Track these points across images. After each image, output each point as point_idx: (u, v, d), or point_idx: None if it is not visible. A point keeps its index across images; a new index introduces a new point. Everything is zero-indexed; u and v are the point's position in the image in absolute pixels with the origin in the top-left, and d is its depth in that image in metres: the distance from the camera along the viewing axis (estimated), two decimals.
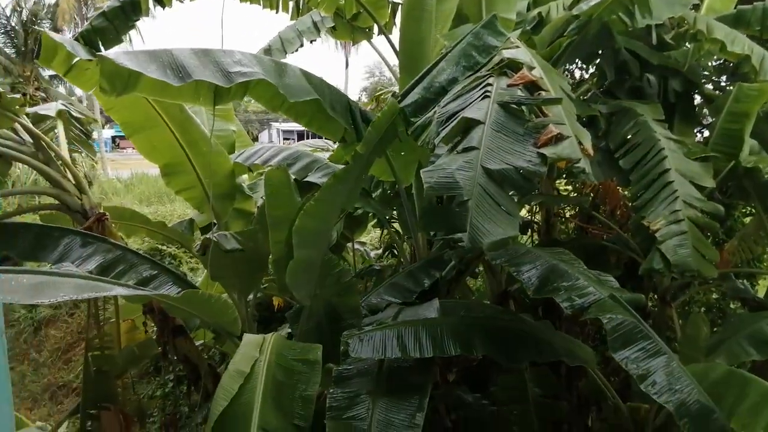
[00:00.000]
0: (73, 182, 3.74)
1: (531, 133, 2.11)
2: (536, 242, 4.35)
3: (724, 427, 1.74)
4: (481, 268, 4.55)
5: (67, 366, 7.24)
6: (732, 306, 4.65)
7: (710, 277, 2.40)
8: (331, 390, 2.24)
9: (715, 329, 3.45)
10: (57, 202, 3.73)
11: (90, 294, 2.09)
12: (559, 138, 2.07)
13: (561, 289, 2.13)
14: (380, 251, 5.82)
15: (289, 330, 3.37)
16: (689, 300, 4.55)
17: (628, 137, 3.04)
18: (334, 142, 5.49)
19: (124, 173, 16.86)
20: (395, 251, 5.36)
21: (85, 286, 2.11)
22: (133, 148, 4.23)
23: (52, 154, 3.79)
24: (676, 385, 1.81)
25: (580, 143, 2.13)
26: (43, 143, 3.76)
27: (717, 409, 1.78)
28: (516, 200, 2.07)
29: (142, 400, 4.21)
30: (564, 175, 4.42)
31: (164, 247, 7.71)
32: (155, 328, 3.51)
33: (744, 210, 4.61)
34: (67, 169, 3.82)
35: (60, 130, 4.30)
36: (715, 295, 4.73)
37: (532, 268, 2.27)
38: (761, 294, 3.81)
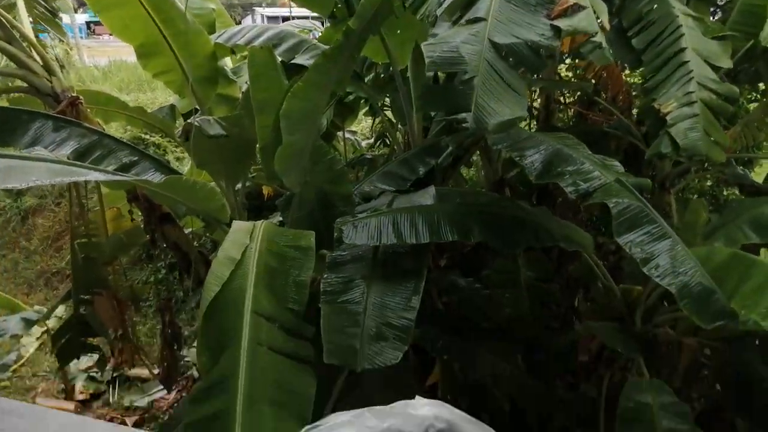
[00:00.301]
0: (41, 63, 3.46)
1: (544, 4, 1.91)
2: (534, 129, 4.22)
3: (725, 308, 1.74)
4: (475, 157, 4.46)
5: (58, 254, 7.27)
6: (725, 193, 4.66)
7: (718, 161, 2.31)
8: (325, 275, 2.20)
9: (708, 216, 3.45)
10: (26, 84, 3.48)
11: (64, 179, 1.96)
12: (575, 9, 1.87)
13: (565, 173, 2.04)
14: (372, 140, 5.66)
15: (280, 218, 3.31)
16: (683, 187, 4.54)
17: (644, 13, 2.80)
18: (322, 24, 5.12)
19: (101, 60, 15.93)
20: (387, 140, 5.21)
21: (59, 170, 1.97)
22: (110, 35, 3.89)
23: (16, 33, 3.48)
24: (680, 267, 1.79)
25: (596, 16, 1.93)
26: (3, 20, 3.43)
27: (719, 290, 1.77)
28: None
29: (134, 285, 4.24)
30: (566, 58, 4.20)
31: (147, 137, 7.47)
32: (142, 216, 3.42)
33: (749, 96, 4.46)
34: (32, 49, 3.52)
35: (21, 5, 3.92)
36: (708, 182, 4.72)
37: (536, 153, 2.16)
38: (757, 180, 3.75)
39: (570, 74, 4.64)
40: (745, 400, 2.78)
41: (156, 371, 4.18)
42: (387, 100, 4.36)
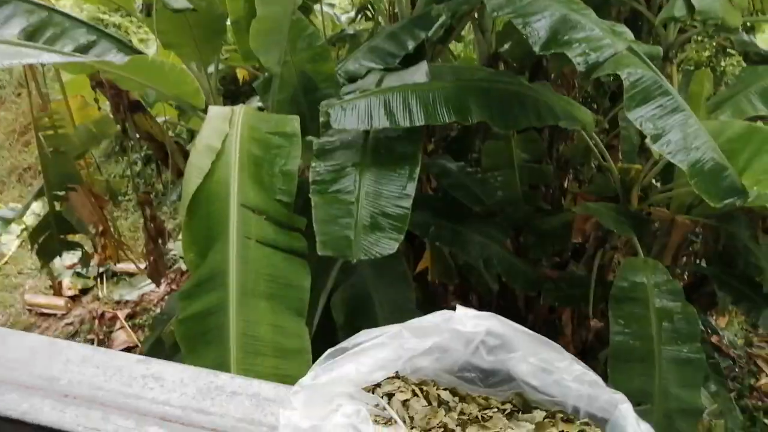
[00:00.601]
0: None
1: None
2: None
3: (735, 184, 1.66)
4: (463, 32, 4.16)
5: (27, 148, 6.94)
6: (723, 64, 4.49)
7: (734, 26, 2.13)
8: (314, 164, 2.06)
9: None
10: None
11: (13, 61, 1.72)
12: None
13: (574, 42, 1.85)
14: (352, 14, 5.23)
15: (259, 103, 3.10)
16: (681, 59, 4.34)
17: None
18: None
19: None
20: (370, 13, 4.81)
21: (8, 52, 1.71)
22: None
23: None
24: (693, 143, 1.67)
25: None
26: None
27: (729, 165, 1.68)
28: None
29: (110, 179, 4.06)
30: None
31: (105, 16, 6.86)
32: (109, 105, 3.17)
33: None
34: None
35: None
36: (707, 53, 4.52)
37: (541, 19, 1.93)
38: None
39: None
40: (730, 275, 2.84)
41: (143, 266, 4.14)
42: None
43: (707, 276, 3.16)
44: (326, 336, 2.17)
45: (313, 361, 1.80)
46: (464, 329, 0.61)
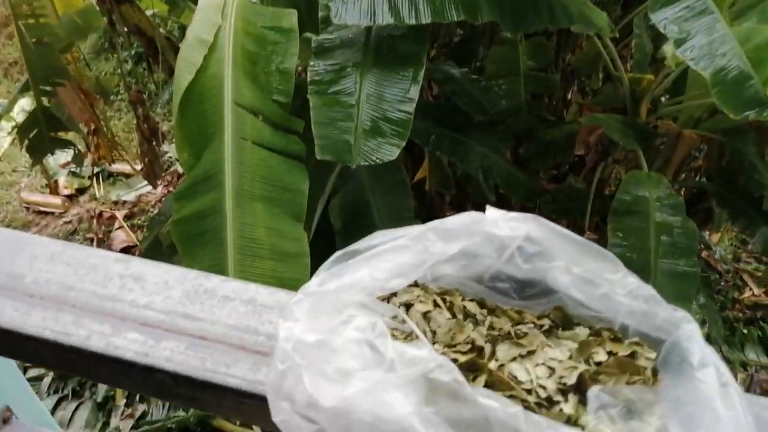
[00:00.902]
0: None
1: None
2: None
3: (759, 94, 1.57)
4: None
5: (11, 41, 6.62)
6: None
7: None
8: (312, 63, 1.95)
9: None
10: None
11: None
12: None
13: None
14: None
15: None
16: None
17: None
18: None
19: None
20: None
21: None
22: None
23: None
24: (719, 49, 1.57)
25: None
26: None
27: (755, 75, 1.59)
28: None
29: (100, 76, 3.90)
30: None
31: None
32: None
33: None
34: None
35: None
36: None
37: None
38: None
39: None
40: (730, 191, 2.82)
41: (138, 167, 4.08)
42: None
43: (705, 192, 3.14)
44: (324, 241, 2.17)
45: (312, 266, 1.81)
46: (499, 233, 0.53)
